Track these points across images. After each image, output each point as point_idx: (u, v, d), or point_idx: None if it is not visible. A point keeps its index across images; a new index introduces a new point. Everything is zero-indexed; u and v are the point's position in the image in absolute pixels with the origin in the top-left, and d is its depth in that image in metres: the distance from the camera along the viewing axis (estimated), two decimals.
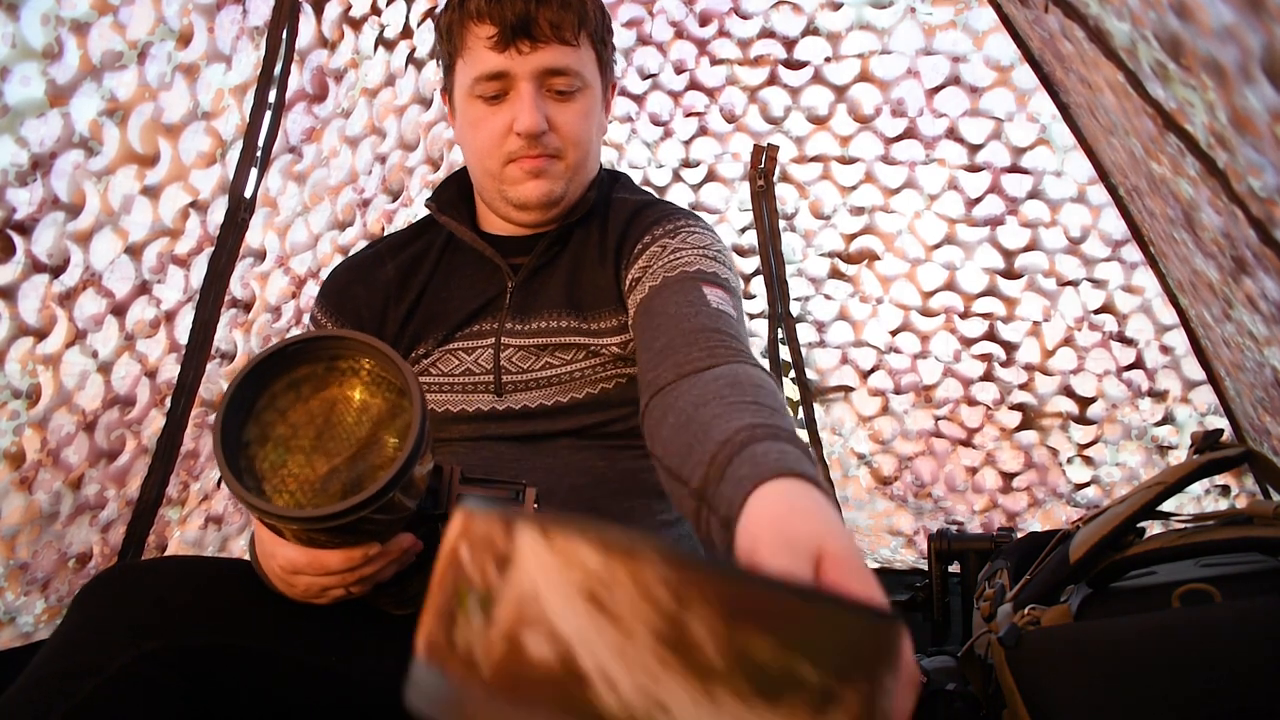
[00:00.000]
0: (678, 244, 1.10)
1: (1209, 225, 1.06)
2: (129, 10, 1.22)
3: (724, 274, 1.07)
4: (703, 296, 0.99)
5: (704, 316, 0.96)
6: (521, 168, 1.11)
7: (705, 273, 1.05)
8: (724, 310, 0.98)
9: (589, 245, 1.18)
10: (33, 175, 1.17)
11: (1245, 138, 0.77)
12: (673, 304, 0.99)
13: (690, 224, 1.15)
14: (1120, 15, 0.91)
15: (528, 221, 1.17)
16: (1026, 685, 1.01)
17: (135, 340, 1.37)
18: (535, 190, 1.12)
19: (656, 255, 1.10)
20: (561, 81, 1.10)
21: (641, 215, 1.18)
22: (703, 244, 1.11)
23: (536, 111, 1.08)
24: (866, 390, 2.11)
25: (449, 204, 1.22)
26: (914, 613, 1.99)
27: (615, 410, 1.14)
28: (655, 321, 0.99)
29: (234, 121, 1.41)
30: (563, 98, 1.11)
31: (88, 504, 1.38)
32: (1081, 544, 1.09)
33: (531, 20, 1.06)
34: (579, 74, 1.11)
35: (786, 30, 1.86)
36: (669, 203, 1.24)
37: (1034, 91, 1.73)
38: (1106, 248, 1.82)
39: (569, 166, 1.14)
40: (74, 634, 0.88)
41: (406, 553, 0.85)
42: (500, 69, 1.08)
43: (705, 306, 0.97)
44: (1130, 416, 1.94)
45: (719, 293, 1.01)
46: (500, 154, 1.11)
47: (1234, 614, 0.95)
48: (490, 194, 1.16)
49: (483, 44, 1.08)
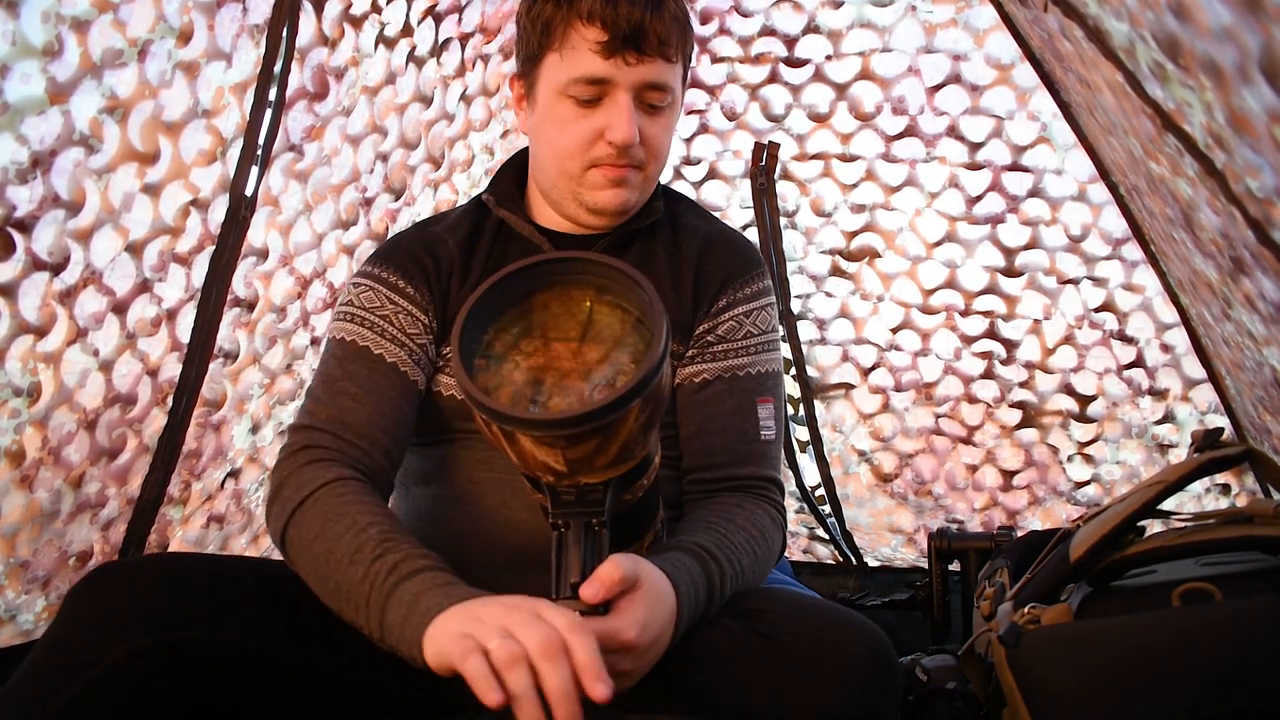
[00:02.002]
0: (750, 326, 1.18)
1: (1207, 225, 1.06)
2: (129, 8, 1.22)
3: (775, 368, 1.19)
4: (756, 422, 1.14)
5: (755, 445, 1.14)
6: (605, 175, 1.11)
7: (764, 384, 1.16)
8: (768, 439, 1.15)
9: (657, 261, 1.19)
10: (33, 173, 1.17)
11: (1243, 138, 0.77)
12: (731, 425, 1.14)
13: (761, 291, 1.21)
14: (1119, 15, 0.91)
15: (597, 226, 1.17)
16: (1026, 684, 1.01)
17: (136, 339, 1.37)
18: (615, 199, 1.12)
19: (733, 331, 1.17)
20: (656, 96, 1.10)
21: (715, 250, 1.21)
22: (766, 327, 1.20)
23: (634, 124, 1.08)
24: (867, 388, 2.11)
25: (506, 196, 1.21)
26: (914, 611, 1.99)
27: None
28: (711, 426, 1.14)
29: (234, 119, 1.41)
30: (654, 111, 1.11)
31: (88, 502, 1.38)
32: (1082, 543, 1.09)
33: (644, 32, 1.05)
34: (672, 90, 1.12)
35: (787, 28, 1.86)
36: (737, 236, 1.26)
37: (1034, 90, 1.73)
38: (1107, 246, 1.82)
39: (647, 178, 1.15)
40: (66, 630, 0.88)
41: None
42: (603, 75, 1.07)
43: (757, 436, 1.14)
44: (1131, 415, 1.94)
45: (769, 408, 1.16)
46: (585, 158, 1.11)
47: (1234, 613, 0.95)
48: (562, 193, 1.15)
49: (588, 46, 1.06)
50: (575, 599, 0.78)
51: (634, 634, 0.79)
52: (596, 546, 0.80)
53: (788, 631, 0.89)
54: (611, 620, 0.78)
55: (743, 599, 0.97)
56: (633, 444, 0.78)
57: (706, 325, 1.17)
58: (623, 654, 0.79)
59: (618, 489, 0.82)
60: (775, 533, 1.09)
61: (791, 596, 0.99)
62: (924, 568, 2.09)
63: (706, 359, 1.16)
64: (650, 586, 0.82)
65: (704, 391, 1.15)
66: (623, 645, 0.79)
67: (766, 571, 1.07)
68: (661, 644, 0.84)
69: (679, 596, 0.87)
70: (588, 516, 0.80)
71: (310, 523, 0.96)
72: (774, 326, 1.21)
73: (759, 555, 1.03)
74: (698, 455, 1.14)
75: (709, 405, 1.14)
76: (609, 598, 0.78)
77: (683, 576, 0.89)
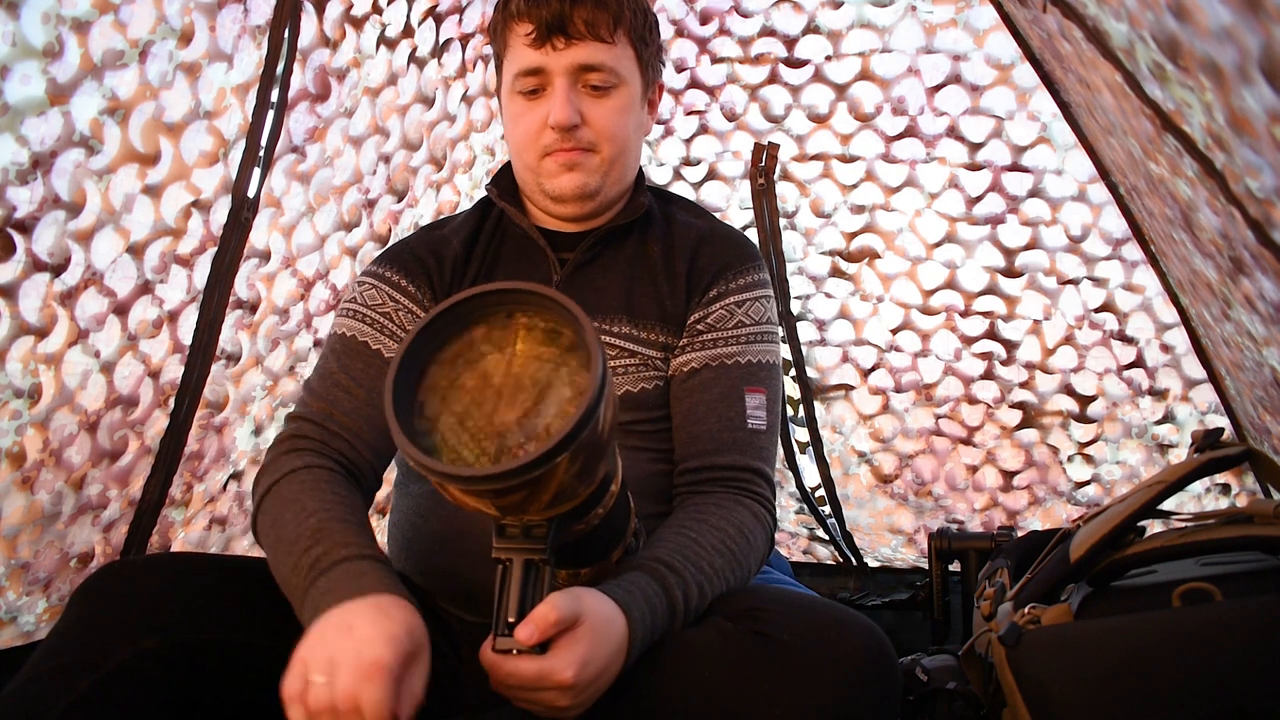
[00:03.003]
0: (741, 316, 1.17)
1: (1207, 225, 1.06)
2: (130, 9, 1.22)
3: (769, 359, 1.18)
4: (742, 410, 1.13)
5: (740, 433, 1.12)
6: (556, 160, 1.15)
7: (754, 374, 1.15)
8: (756, 428, 1.13)
9: (650, 258, 1.21)
10: (33, 174, 1.17)
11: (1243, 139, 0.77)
12: (715, 411, 1.13)
13: (755, 283, 1.20)
14: (1118, 16, 0.91)
15: (565, 214, 1.19)
16: (1026, 684, 1.01)
17: (138, 340, 1.37)
18: (570, 183, 1.15)
19: (723, 320, 1.17)
20: (596, 77, 1.13)
21: (710, 244, 1.21)
22: (760, 318, 1.19)
23: (568, 105, 1.12)
24: (867, 388, 2.11)
25: (507, 191, 1.24)
26: (914, 611, 1.99)
27: (646, 411, 1.15)
28: (697, 413, 1.13)
29: (236, 121, 1.41)
30: (597, 93, 1.14)
31: (90, 504, 1.38)
32: (1082, 543, 1.09)
33: (566, 18, 1.10)
34: (614, 70, 1.14)
35: (787, 29, 1.86)
36: (733, 231, 1.27)
37: (1035, 90, 1.73)
38: (1107, 246, 1.82)
39: (604, 160, 1.16)
40: (71, 630, 0.88)
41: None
42: (536, 65, 1.12)
43: (742, 424, 1.13)
44: (1131, 415, 1.94)
45: (759, 398, 1.15)
46: (537, 147, 1.15)
47: (1234, 613, 0.95)
48: (530, 187, 1.20)
49: (521, 41, 1.13)
50: (512, 637, 0.78)
51: (570, 674, 0.79)
52: (537, 584, 0.79)
53: (787, 631, 0.89)
54: (548, 660, 0.79)
55: (740, 598, 0.97)
56: (567, 491, 0.76)
57: (698, 315, 1.18)
58: (560, 692, 0.80)
59: (565, 522, 0.82)
60: (757, 528, 1.08)
61: (791, 596, 0.98)
62: (924, 568, 2.10)
63: (696, 348, 1.16)
64: (593, 623, 0.83)
65: (691, 380, 1.15)
66: (558, 685, 0.79)
67: (750, 569, 1.06)
68: (608, 675, 0.85)
69: (630, 623, 0.87)
70: (529, 553, 0.79)
71: (270, 509, 1.00)
72: (769, 319, 1.20)
73: (737, 555, 1.03)
74: (683, 444, 1.14)
75: (695, 393, 1.14)
76: (543, 640, 0.79)
77: (635, 601, 0.89)
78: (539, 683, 0.79)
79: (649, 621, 0.90)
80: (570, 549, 0.88)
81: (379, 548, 0.95)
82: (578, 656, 0.80)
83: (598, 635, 0.83)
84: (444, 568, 1.11)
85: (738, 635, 0.90)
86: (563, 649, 0.80)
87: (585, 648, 0.81)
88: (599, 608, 0.85)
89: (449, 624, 1.12)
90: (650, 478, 1.14)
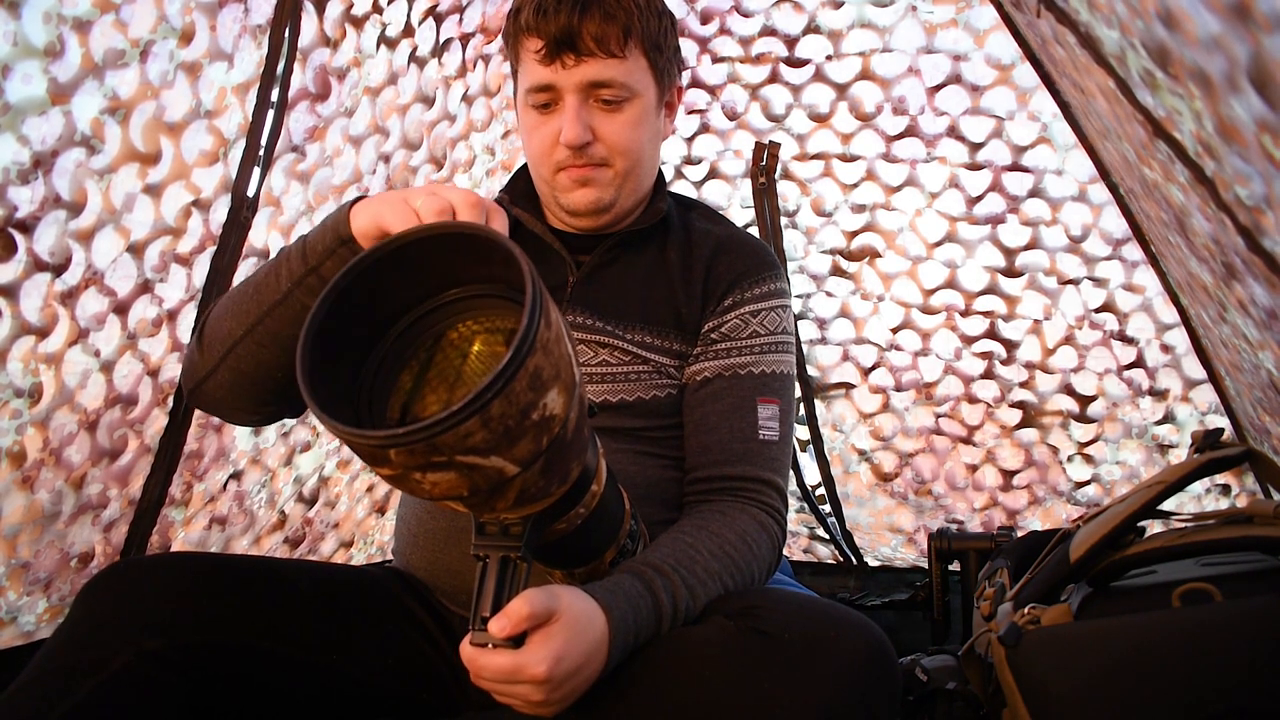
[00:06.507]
0: (756, 326, 1.17)
1: (1200, 231, 1.06)
2: (130, 8, 1.22)
3: (783, 370, 1.18)
4: (754, 421, 1.13)
5: (751, 444, 1.12)
6: (569, 176, 1.14)
7: (768, 384, 1.15)
8: (768, 439, 1.13)
9: (668, 265, 1.20)
10: (34, 173, 1.17)
11: (1232, 147, 0.77)
12: (727, 421, 1.13)
13: (772, 293, 1.19)
14: (1109, 23, 0.91)
15: (583, 226, 1.19)
16: (1026, 684, 1.01)
17: (137, 339, 1.37)
18: (583, 198, 1.15)
19: (737, 330, 1.17)
20: (607, 93, 1.12)
21: (727, 252, 1.20)
22: (775, 328, 1.18)
23: (578, 124, 1.11)
24: (867, 387, 2.11)
25: (522, 196, 1.24)
26: (914, 611, 1.99)
27: (657, 419, 1.15)
28: (708, 423, 1.13)
29: (236, 120, 1.41)
30: (609, 108, 1.13)
31: (90, 503, 1.38)
32: (1082, 543, 1.09)
33: (575, 34, 1.08)
34: (625, 85, 1.12)
35: (788, 28, 1.86)
36: (751, 239, 1.26)
37: (1035, 90, 1.73)
38: (1107, 246, 1.82)
39: (617, 174, 1.15)
40: (76, 631, 0.88)
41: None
42: (547, 82, 1.11)
43: (754, 435, 1.12)
44: (1131, 415, 1.95)
45: (772, 409, 1.14)
46: (551, 162, 1.14)
47: (1234, 613, 0.95)
48: (545, 197, 1.20)
49: (532, 57, 1.11)
50: (486, 632, 0.79)
51: (543, 669, 0.79)
52: (513, 580, 0.80)
53: (787, 629, 0.89)
54: (521, 654, 0.80)
55: (739, 598, 0.97)
56: (533, 489, 0.75)
57: (713, 323, 1.17)
58: (534, 686, 0.80)
59: (543, 521, 0.82)
60: (761, 535, 1.07)
61: (790, 595, 0.98)
62: (924, 568, 2.10)
63: (709, 357, 1.16)
64: (569, 619, 0.83)
65: (704, 389, 1.15)
66: (531, 679, 0.80)
67: (752, 574, 1.05)
68: (586, 673, 0.85)
69: (611, 622, 0.87)
70: (506, 550, 0.80)
71: (218, 305, 1.07)
72: (784, 328, 1.20)
73: (735, 560, 1.02)
74: (693, 454, 1.14)
75: (707, 403, 1.14)
76: (515, 634, 0.79)
77: (616, 601, 0.89)
78: (513, 676, 0.80)
79: (631, 622, 0.90)
80: (555, 548, 0.88)
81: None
82: (551, 651, 0.80)
83: (573, 631, 0.83)
84: (448, 565, 1.11)
85: (737, 633, 0.90)
86: (536, 644, 0.80)
87: (560, 643, 0.81)
88: (576, 604, 0.84)
89: (451, 622, 1.12)
90: (660, 483, 1.15)
